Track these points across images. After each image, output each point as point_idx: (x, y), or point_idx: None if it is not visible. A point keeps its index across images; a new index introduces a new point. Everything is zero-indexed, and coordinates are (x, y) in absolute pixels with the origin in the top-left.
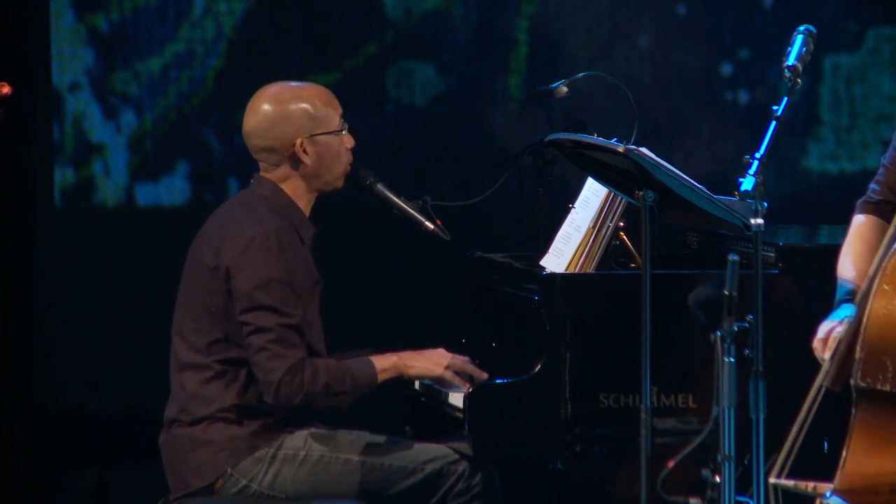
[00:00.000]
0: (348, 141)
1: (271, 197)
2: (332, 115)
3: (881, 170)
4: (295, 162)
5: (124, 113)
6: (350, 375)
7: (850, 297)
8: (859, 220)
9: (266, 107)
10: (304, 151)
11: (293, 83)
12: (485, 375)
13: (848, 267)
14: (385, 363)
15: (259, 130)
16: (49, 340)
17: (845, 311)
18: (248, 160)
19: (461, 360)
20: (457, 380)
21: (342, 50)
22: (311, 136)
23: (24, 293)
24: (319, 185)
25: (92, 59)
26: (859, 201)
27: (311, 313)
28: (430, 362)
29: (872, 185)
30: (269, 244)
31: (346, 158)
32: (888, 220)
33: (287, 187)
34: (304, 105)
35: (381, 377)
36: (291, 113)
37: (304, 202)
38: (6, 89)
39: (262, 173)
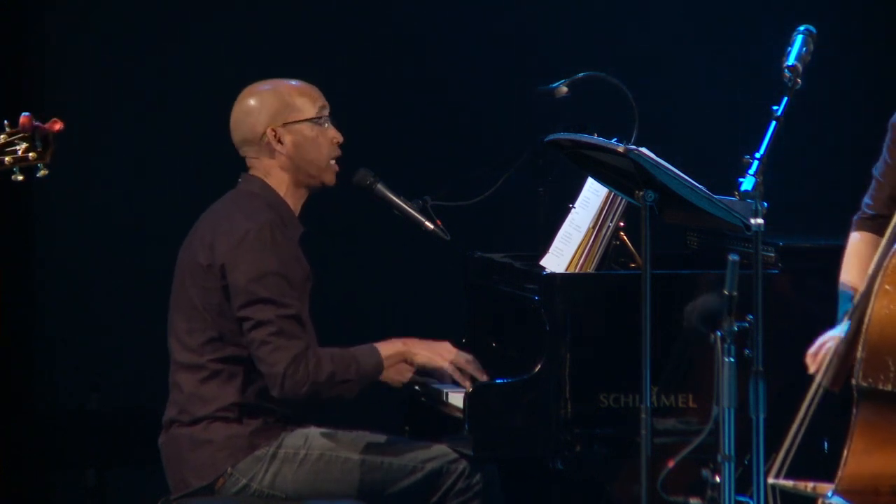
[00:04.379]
0: (333, 135)
1: (261, 193)
2: (307, 104)
3: (873, 182)
4: (270, 151)
5: (124, 113)
6: (355, 363)
7: (846, 316)
8: (855, 238)
9: (243, 100)
10: (278, 140)
11: (273, 79)
12: (485, 377)
13: (847, 285)
14: (390, 349)
15: (235, 123)
16: (49, 341)
17: (839, 329)
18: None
19: (466, 358)
20: (457, 374)
21: (342, 50)
22: (284, 123)
23: (24, 293)
24: (304, 179)
25: (92, 59)
26: (855, 217)
27: (304, 307)
28: (435, 352)
29: (866, 200)
30: (263, 237)
31: (329, 151)
32: (883, 235)
33: (273, 182)
34: (275, 95)
35: (388, 363)
36: (263, 102)
37: (293, 199)
38: (59, 125)
39: (250, 171)
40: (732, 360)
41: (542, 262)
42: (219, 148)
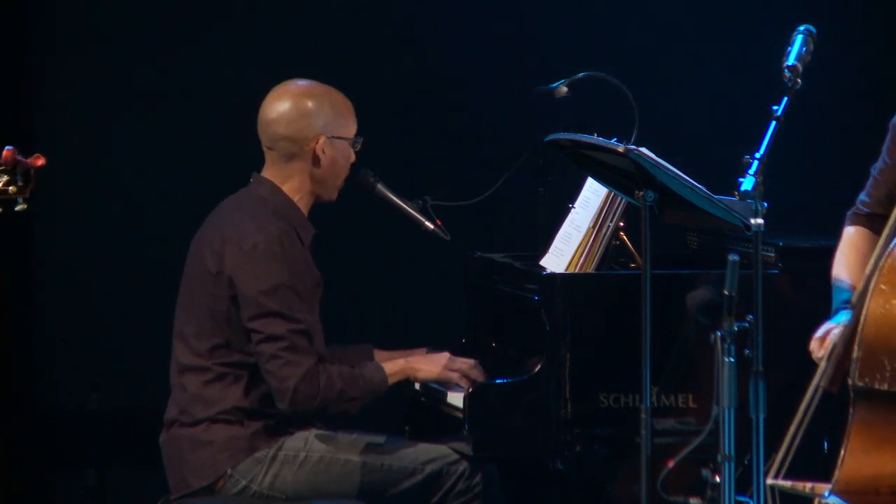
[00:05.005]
0: (353, 158)
1: (271, 198)
2: (351, 123)
3: (871, 180)
4: (308, 157)
5: (124, 113)
6: (363, 380)
7: (846, 304)
8: (850, 232)
9: (295, 97)
10: (322, 151)
11: (319, 83)
12: (484, 380)
13: (843, 274)
14: (394, 367)
15: (284, 119)
16: (49, 341)
17: (843, 317)
18: (248, 160)
19: (467, 364)
20: (464, 382)
21: (342, 50)
22: (332, 136)
23: (24, 293)
24: (320, 192)
25: (92, 59)
26: (849, 213)
27: (313, 316)
28: (437, 365)
29: (862, 197)
30: (273, 249)
31: (347, 171)
32: (878, 233)
33: (287, 188)
34: (332, 104)
35: (391, 380)
36: (322, 108)
37: (304, 206)
38: (41, 161)
39: (262, 173)
40: (732, 360)
41: (542, 262)
42: (219, 148)
